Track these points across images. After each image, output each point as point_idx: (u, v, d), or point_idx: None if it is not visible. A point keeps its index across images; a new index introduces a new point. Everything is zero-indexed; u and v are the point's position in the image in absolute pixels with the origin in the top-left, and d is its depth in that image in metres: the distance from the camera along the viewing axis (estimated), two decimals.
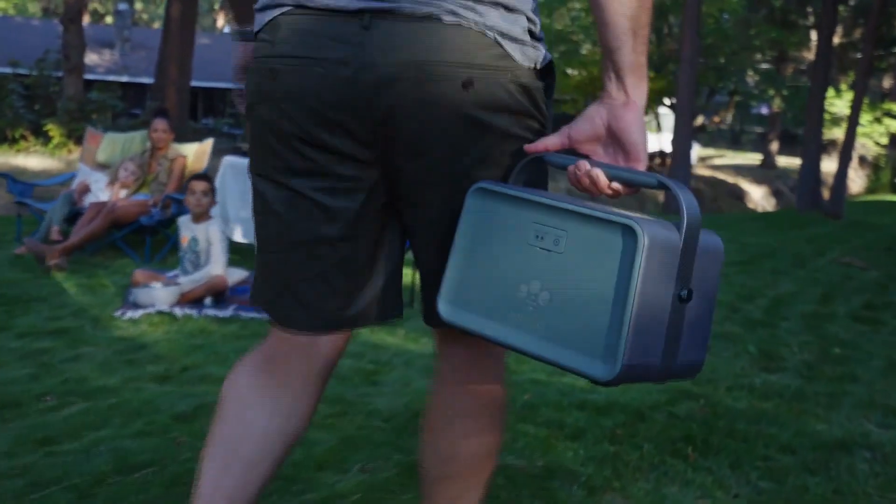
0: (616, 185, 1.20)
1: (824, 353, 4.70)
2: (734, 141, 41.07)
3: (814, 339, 5.02)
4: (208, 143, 6.63)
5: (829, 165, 18.83)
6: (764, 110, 32.46)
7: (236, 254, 6.52)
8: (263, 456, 1.40)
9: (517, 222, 1.21)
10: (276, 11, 1.28)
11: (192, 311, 4.57)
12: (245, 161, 6.24)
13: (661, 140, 25.98)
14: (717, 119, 31.00)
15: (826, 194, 15.70)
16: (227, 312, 4.62)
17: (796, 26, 25.48)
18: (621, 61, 1.21)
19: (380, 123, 1.24)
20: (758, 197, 26.37)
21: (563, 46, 24.96)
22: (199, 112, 27.98)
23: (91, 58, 29.20)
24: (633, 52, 1.21)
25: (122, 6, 32.50)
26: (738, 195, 26.24)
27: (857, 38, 24.58)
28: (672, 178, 2.84)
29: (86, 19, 39.52)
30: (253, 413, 1.40)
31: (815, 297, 6.40)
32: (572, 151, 1.27)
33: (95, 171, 6.79)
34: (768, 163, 30.02)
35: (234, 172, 6.10)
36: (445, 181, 1.28)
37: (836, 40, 23.98)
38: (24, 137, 15.90)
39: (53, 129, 15.35)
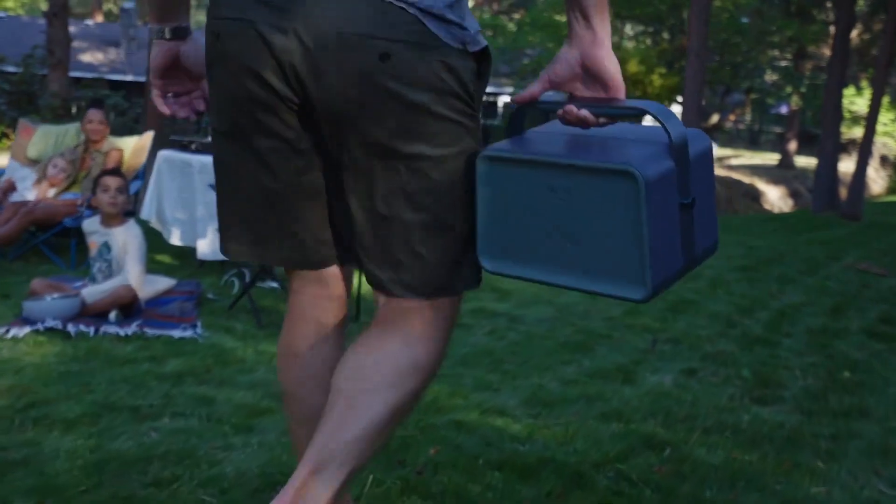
0: (603, 119, 1.31)
1: (832, 378, 3.99)
2: (752, 141, 40.28)
3: (820, 361, 4.31)
4: (147, 137, 5.99)
5: (849, 165, 18.02)
6: (783, 110, 31.70)
7: (178, 258, 5.88)
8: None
9: (528, 180, 1.30)
10: None
11: (89, 329, 3.92)
12: (182, 155, 5.62)
13: None
14: (732, 117, 30.16)
15: (844, 195, 14.91)
16: (129, 329, 3.96)
17: (813, 19, 24.60)
18: (586, 2, 1.27)
19: (303, 87, 1.31)
20: (774, 198, 25.56)
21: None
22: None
23: (96, 56, 28.82)
24: None
25: (129, 4, 32.04)
26: (755, 196, 25.46)
27: (877, 33, 23.69)
28: None
29: (98, 18, 39.27)
30: (316, 389, 1.54)
31: (825, 309, 5.67)
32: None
33: (25, 166, 6.15)
34: (786, 163, 29.25)
35: (170, 168, 5.45)
36: (366, 149, 1.33)
37: (856, 35, 23.17)
38: (5, 135, 15.35)
39: None
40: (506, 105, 29.12)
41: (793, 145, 29.76)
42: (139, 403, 2.89)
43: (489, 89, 26.86)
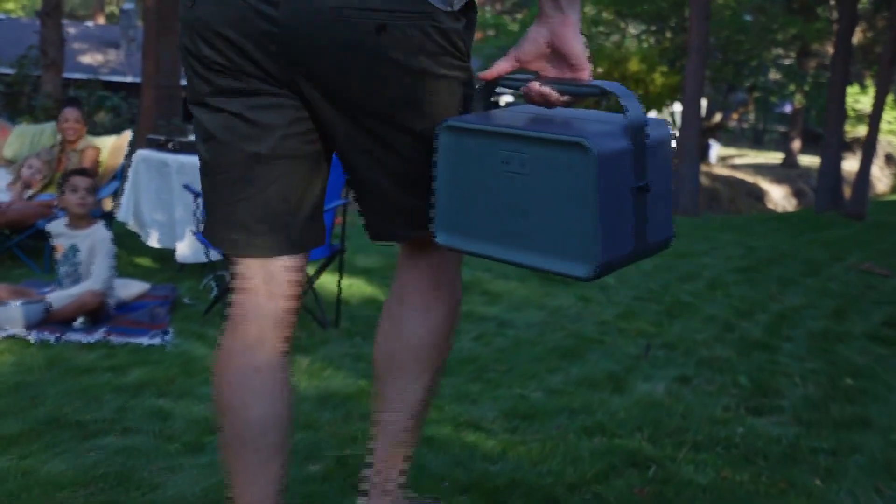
0: (565, 97, 1.32)
1: (833, 385, 3.80)
2: (756, 140, 40.07)
3: (821, 367, 4.12)
4: (126, 136, 5.80)
5: (853, 164, 17.80)
6: (787, 108, 31.50)
7: (157, 261, 5.69)
8: (277, 434, 1.50)
9: (485, 152, 1.32)
10: None
11: (52, 336, 3.73)
12: (160, 154, 5.43)
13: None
14: (735, 116, 29.93)
15: (848, 194, 14.68)
16: (94, 337, 3.77)
17: (817, 17, 24.35)
18: None
19: (294, 63, 1.33)
20: (778, 197, 25.35)
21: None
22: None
23: (96, 58, 28.70)
24: None
25: (128, 6, 31.90)
26: (758, 195, 25.25)
27: (881, 30, 23.45)
28: (680, 177, 7.99)
29: (100, 20, 39.16)
30: (254, 407, 1.49)
31: (826, 312, 5.48)
32: (522, 70, 1.37)
33: (0, 167, 5.97)
34: (790, 162, 29.04)
35: (148, 167, 5.27)
36: (369, 120, 1.37)
37: (860, 33, 22.94)
38: None
39: None
40: (506, 104, 28.87)
41: (797, 144, 29.55)
42: (89, 418, 2.71)
43: None
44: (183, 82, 14.14)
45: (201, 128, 1.44)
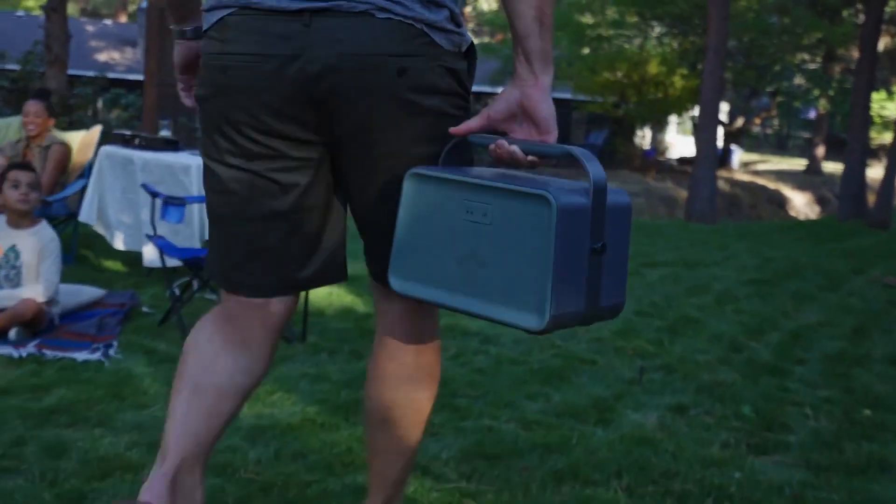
0: (532, 157, 1.36)
1: (848, 418, 3.38)
2: (780, 146, 39.49)
3: (837, 395, 3.69)
4: (95, 131, 5.45)
5: (878, 172, 17.24)
6: (811, 114, 30.95)
7: (126, 264, 5.34)
8: (223, 406, 1.54)
9: (449, 201, 1.35)
10: (224, 12, 1.40)
11: None
12: (125, 150, 5.09)
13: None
14: (757, 121, 29.36)
15: (873, 201, 14.15)
16: (24, 351, 3.41)
17: (842, 19, 23.74)
18: (530, 47, 1.36)
19: (323, 109, 1.39)
20: (800, 204, 24.80)
21: (593, 43, 23.62)
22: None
23: (112, 56, 28.55)
24: (540, 39, 1.36)
25: (146, 3, 31.79)
26: (780, 202, 24.71)
27: None
28: (696, 182, 9.74)
29: (122, 18, 39.12)
30: (217, 366, 1.54)
31: (845, 331, 5.04)
32: (492, 130, 1.41)
33: None
34: (813, 168, 28.49)
35: (112, 165, 4.92)
36: (386, 158, 1.43)
37: (888, 38, 22.34)
38: None
39: None
40: None
41: (821, 150, 29.01)
42: None
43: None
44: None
45: (217, 181, 1.50)
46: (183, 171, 4.54)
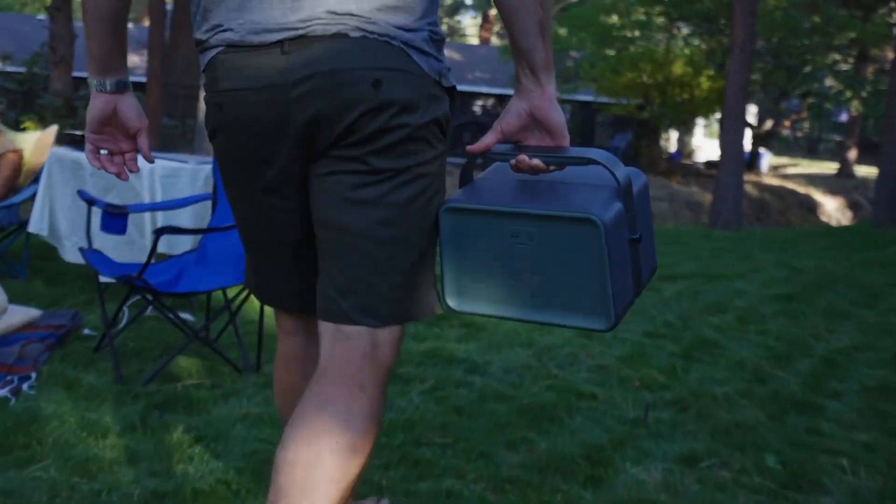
0: (553, 167, 1.45)
1: (893, 469, 2.81)
2: (810, 149, 38.67)
3: (879, 438, 3.12)
4: (51, 132, 4.96)
5: None
6: (843, 117, 30.18)
7: (85, 279, 4.84)
8: None
9: (492, 229, 1.42)
10: (213, 52, 1.45)
11: None
12: (75, 153, 4.58)
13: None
14: (787, 123, 28.59)
15: None
16: None
17: (874, 16, 22.90)
18: (535, 60, 1.42)
19: (310, 130, 1.42)
20: (832, 209, 24.03)
21: (618, 44, 23.00)
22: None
23: (132, 59, 28.32)
24: (543, 51, 1.42)
25: (169, 6, 31.56)
26: (811, 207, 23.96)
27: None
28: (721, 187, 11.27)
29: (146, 22, 38.94)
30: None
31: (886, 357, 4.43)
32: (506, 141, 1.48)
33: None
34: (845, 172, 27.71)
35: (62, 169, 4.43)
36: (346, 167, 1.44)
37: None
38: None
39: (32, 128, 13.96)
40: None
41: (853, 154, 28.25)
42: None
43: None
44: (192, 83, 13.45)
45: (238, 209, 1.59)
46: (133, 174, 4.03)
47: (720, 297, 5.71)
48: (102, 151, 1.65)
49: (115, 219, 3.63)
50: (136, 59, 27.89)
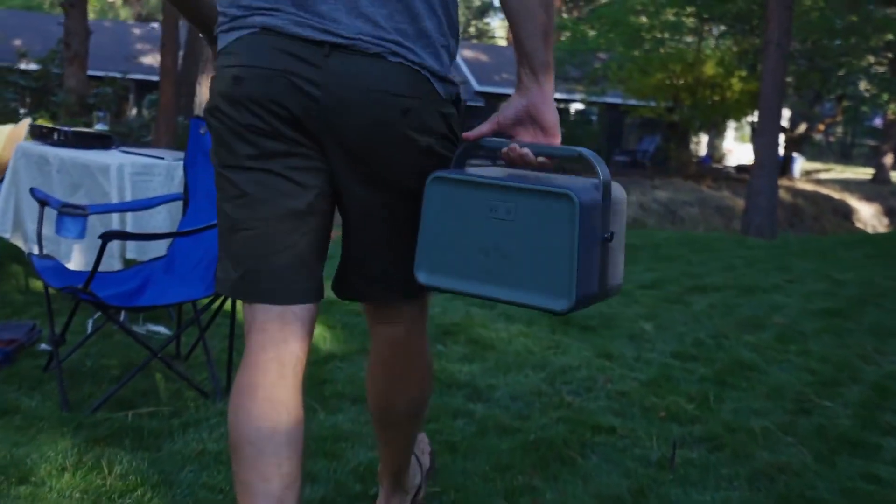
0: (542, 159, 1.53)
1: None
2: (843, 154, 37.90)
3: None
4: (23, 125, 4.57)
5: None
6: (877, 122, 29.49)
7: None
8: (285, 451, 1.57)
9: (473, 201, 1.49)
10: (244, 31, 1.50)
11: None
12: (41, 147, 4.13)
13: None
14: (821, 127, 27.88)
15: None
16: None
17: None
18: (535, 60, 1.51)
19: (329, 134, 1.51)
20: (867, 216, 23.35)
21: (647, 44, 22.45)
22: None
23: (157, 58, 28.17)
24: (544, 54, 1.51)
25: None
26: (845, 213, 23.29)
27: None
28: (754, 192, 10.88)
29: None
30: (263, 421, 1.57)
31: None
32: (500, 135, 1.57)
33: None
34: (881, 177, 27.04)
35: (28, 165, 4.03)
36: (380, 185, 1.56)
37: None
38: None
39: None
40: (576, 112, 27.52)
41: (888, 159, 27.55)
42: None
43: (561, 96, 25.38)
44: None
45: (233, 187, 1.56)
46: (101, 171, 3.62)
47: (756, 311, 5.21)
48: None
49: (72, 220, 3.22)
50: (158, 59, 27.71)
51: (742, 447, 2.89)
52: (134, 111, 22.46)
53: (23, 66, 16.93)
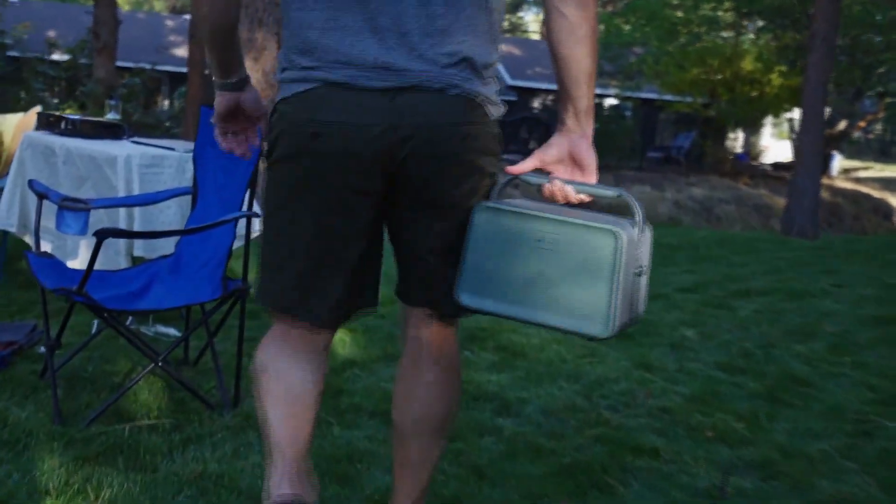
0: (582, 196, 1.60)
1: None
2: (883, 152, 37.14)
3: None
4: (32, 114, 4.35)
5: None
6: None
7: None
8: (308, 411, 1.74)
9: (521, 230, 1.57)
10: (307, 86, 1.57)
11: None
12: (48, 137, 3.90)
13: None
14: (861, 124, 27.24)
15: None
16: None
17: None
18: (579, 105, 1.59)
19: (398, 165, 1.58)
20: None
21: (683, 38, 22.00)
22: None
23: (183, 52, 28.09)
24: (587, 98, 1.59)
25: None
26: (886, 212, 22.70)
27: None
28: (796, 191, 10.58)
29: None
30: (293, 378, 1.73)
31: None
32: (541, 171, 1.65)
33: None
34: None
35: (34, 156, 3.81)
36: (443, 207, 1.64)
37: None
38: None
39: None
40: (610, 107, 27.10)
41: None
42: None
43: (595, 91, 24.85)
44: None
45: (292, 220, 1.64)
46: (108, 163, 3.39)
47: (806, 318, 4.89)
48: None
49: (73, 215, 2.99)
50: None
51: (800, 476, 2.61)
52: (167, 103, 22.42)
53: (54, 56, 16.86)
